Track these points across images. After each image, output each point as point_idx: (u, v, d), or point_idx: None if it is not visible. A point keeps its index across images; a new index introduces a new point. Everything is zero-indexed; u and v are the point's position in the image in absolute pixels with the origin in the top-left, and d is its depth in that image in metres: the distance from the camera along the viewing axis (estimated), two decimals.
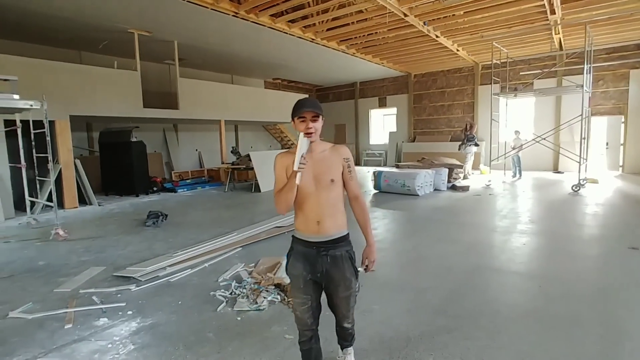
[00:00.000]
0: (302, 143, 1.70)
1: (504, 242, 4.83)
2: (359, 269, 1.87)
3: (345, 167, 1.81)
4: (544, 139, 10.34)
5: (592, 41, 9.39)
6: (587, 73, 8.85)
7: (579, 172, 8.65)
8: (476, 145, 11.92)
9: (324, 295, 1.90)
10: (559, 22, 8.97)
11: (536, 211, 6.79)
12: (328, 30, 9.67)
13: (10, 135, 6.84)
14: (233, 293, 3.31)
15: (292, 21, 9.00)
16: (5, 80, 5.56)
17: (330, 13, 8.55)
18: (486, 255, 4.36)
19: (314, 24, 9.26)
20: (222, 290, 3.39)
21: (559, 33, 10.11)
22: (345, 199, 1.86)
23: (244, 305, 3.05)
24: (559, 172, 12.31)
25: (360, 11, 8.53)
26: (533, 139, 10.64)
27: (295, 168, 1.66)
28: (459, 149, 12.20)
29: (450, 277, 3.66)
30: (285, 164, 1.74)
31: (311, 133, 1.70)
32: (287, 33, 9.35)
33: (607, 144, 12.22)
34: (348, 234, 1.85)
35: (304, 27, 9.43)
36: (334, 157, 1.80)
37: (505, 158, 11.15)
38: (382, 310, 2.97)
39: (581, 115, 8.82)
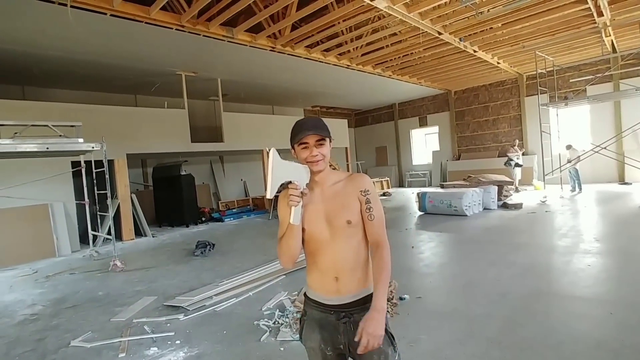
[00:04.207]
0: (296, 169, 1.31)
1: (565, 264, 4.42)
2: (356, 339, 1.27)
3: (362, 202, 1.38)
4: (605, 148, 9.56)
5: None
6: None
7: None
8: (510, 165, 11.62)
9: None
10: (608, 23, 8.42)
11: (602, 228, 6.19)
12: (363, 55, 9.81)
13: (75, 175, 7.53)
14: (276, 322, 3.30)
15: (327, 50, 9.26)
16: (72, 126, 6.19)
17: (364, 39, 8.69)
18: (545, 279, 4.01)
19: (349, 51, 9.44)
20: (266, 319, 3.39)
21: (609, 35, 9.48)
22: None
23: (287, 335, 3.02)
24: (625, 184, 11.19)
25: (394, 34, 8.58)
26: (592, 149, 9.87)
27: (269, 196, 1.26)
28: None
29: (505, 303, 3.39)
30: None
31: (318, 161, 1.35)
32: (322, 62, 9.62)
33: None
34: None
35: (339, 54, 9.64)
36: (349, 190, 1.39)
37: (560, 172, 10.41)
38: (431, 341, 2.79)
39: None
